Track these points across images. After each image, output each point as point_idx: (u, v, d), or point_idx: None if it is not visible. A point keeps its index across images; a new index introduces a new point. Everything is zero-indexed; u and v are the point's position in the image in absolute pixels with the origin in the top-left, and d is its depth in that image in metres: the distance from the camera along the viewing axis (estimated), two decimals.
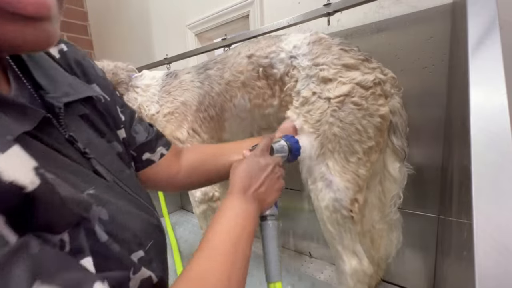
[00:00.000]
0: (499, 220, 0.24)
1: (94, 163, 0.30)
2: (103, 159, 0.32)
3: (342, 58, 0.57)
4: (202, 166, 0.52)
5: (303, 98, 0.60)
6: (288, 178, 0.53)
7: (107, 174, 0.31)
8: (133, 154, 0.44)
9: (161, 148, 0.47)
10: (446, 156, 0.63)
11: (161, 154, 0.47)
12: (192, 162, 0.52)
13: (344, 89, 0.56)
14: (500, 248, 0.23)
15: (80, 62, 0.38)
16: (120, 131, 0.41)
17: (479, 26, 0.37)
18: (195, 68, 0.79)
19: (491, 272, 0.23)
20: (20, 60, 0.29)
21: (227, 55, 0.73)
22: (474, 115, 0.31)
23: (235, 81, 0.69)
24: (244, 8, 1.03)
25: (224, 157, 0.52)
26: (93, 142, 0.33)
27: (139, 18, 1.55)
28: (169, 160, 0.49)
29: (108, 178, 0.30)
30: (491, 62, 0.34)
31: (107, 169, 0.31)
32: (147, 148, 0.45)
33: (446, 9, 0.61)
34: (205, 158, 0.53)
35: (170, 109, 0.76)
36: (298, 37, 0.64)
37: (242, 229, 0.36)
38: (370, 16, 0.73)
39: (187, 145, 0.75)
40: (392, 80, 0.58)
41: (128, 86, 0.82)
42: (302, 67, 0.60)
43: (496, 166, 0.27)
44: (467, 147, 0.31)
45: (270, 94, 0.67)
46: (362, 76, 0.56)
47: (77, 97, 0.32)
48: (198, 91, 0.74)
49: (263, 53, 0.65)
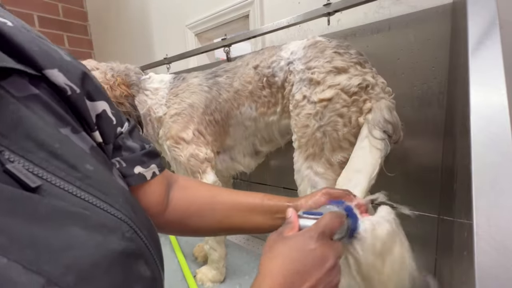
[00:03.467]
0: (499, 220, 0.24)
1: (4, 159, 0.20)
2: (40, 151, 0.22)
3: (333, 61, 0.58)
4: (186, 219, 0.43)
5: (296, 101, 0.61)
6: (287, 176, 0.52)
7: (33, 175, 0.21)
8: (121, 164, 0.35)
9: (154, 167, 0.38)
10: (446, 156, 0.63)
11: (153, 173, 0.38)
12: (178, 209, 0.42)
13: (327, 94, 0.57)
14: (500, 248, 0.23)
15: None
16: (95, 134, 0.31)
17: (479, 26, 0.37)
18: (203, 73, 0.81)
19: (491, 272, 0.23)
20: None
21: (236, 65, 0.75)
22: (474, 115, 0.31)
23: (244, 90, 0.71)
24: (244, 8, 1.03)
25: (214, 214, 0.43)
26: (30, 128, 0.22)
27: (139, 18, 1.55)
28: (160, 189, 0.40)
29: (31, 182, 0.20)
30: (491, 62, 0.34)
31: (41, 166, 0.21)
32: (139, 161, 0.37)
33: (446, 9, 0.61)
34: (192, 211, 0.43)
35: (177, 110, 0.77)
36: (297, 43, 0.65)
37: None
38: (370, 16, 0.73)
39: (192, 145, 0.75)
40: (382, 85, 0.58)
41: (139, 88, 0.83)
42: (297, 71, 0.61)
43: (496, 166, 0.27)
44: (467, 147, 0.31)
45: (273, 102, 0.69)
46: (347, 81, 0.56)
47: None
48: (205, 95, 0.76)
49: (266, 63, 0.67)
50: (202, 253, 0.94)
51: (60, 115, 0.26)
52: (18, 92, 0.24)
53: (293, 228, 0.34)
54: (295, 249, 0.30)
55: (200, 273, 0.83)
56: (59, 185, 0.22)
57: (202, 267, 0.85)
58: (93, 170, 0.25)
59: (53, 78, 0.26)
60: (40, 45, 0.27)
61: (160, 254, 0.31)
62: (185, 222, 0.43)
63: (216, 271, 0.81)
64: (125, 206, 0.26)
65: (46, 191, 0.21)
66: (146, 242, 0.27)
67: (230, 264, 0.88)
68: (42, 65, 0.26)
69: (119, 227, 0.24)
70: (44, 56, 0.26)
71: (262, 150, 0.81)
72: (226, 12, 1.09)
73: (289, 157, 0.67)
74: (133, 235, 0.25)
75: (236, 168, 0.87)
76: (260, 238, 1.07)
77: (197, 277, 0.83)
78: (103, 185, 0.25)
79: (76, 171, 0.24)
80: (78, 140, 0.27)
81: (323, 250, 0.31)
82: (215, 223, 0.43)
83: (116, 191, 0.27)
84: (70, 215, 0.21)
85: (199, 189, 0.46)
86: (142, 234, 0.26)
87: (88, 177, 0.24)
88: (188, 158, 0.75)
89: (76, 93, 0.28)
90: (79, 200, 0.22)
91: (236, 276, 0.84)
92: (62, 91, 0.27)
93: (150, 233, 0.29)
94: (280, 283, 0.28)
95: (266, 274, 0.29)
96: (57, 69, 0.27)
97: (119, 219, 0.24)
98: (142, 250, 0.25)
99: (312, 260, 0.30)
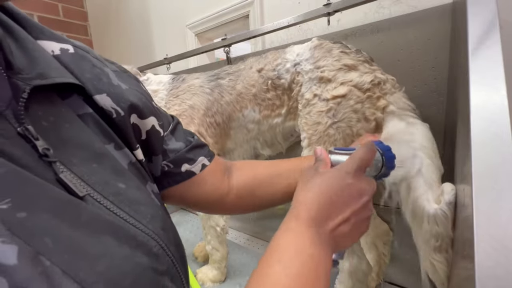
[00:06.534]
0: (499, 220, 0.24)
1: (57, 169, 0.22)
2: (83, 165, 0.24)
3: (341, 59, 0.58)
4: (256, 190, 0.44)
5: (305, 100, 0.61)
6: None
7: (80, 185, 0.23)
8: (169, 166, 0.37)
9: (203, 158, 0.40)
10: (446, 156, 0.63)
11: (202, 165, 0.40)
12: (245, 184, 0.44)
13: (341, 91, 0.57)
14: (500, 248, 0.23)
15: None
16: (136, 152, 0.32)
17: (479, 26, 0.37)
18: (205, 75, 0.81)
19: (491, 272, 0.23)
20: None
21: (239, 68, 0.75)
22: (474, 115, 0.31)
23: (247, 93, 0.72)
24: (244, 8, 1.03)
25: (281, 179, 0.44)
26: (78, 143, 0.25)
27: (139, 18, 1.55)
28: (215, 176, 0.41)
29: (79, 191, 0.22)
30: (491, 62, 0.33)
31: (82, 179, 0.23)
32: (185, 159, 0.39)
33: (446, 9, 0.61)
34: (260, 180, 0.44)
35: (177, 112, 0.77)
36: (301, 45, 0.66)
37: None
38: (370, 16, 0.73)
39: None
40: (392, 82, 0.59)
41: None
42: (305, 71, 0.62)
43: (496, 166, 0.27)
44: (467, 147, 0.31)
45: (278, 104, 0.70)
46: (359, 78, 0.56)
47: (58, 81, 0.25)
48: (207, 96, 0.76)
49: (271, 66, 0.68)
50: (202, 253, 0.94)
51: (107, 132, 0.29)
52: (78, 109, 0.27)
53: (326, 165, 0.35)
54: (332, 183, 0.31)
55: (200, 273, 0.83)
56: (96, 197, 0.23)
57: (203, 267, 0.85)
58: (124, 188, 0.26)
59: (102, 103, 0.29)
60: (93, 71, 0.30)
61: (186, 270, 0.31)
62: (256, 193, 0.44)
63: (218, 271, 0.81)
64: (153, 223, 0.26)
65: (89, 202, 0.22)
66: (173, 259, 0.27)
67: (231, 264, 0.88)
68: (92, 91, 0.29)
69: (146, 242, 0.24)
70: (95, 82, 0.29)
71: (262, 153, 0.81)
72: (226, 12, 1.09)
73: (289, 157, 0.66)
74: (159, 251, 0.25)
75: None
76: (260, 238, 1.07)
77: (197, 277, 0.83)
78: (133, 202, 0.26)
79: (110, 187, 0.25)
80: (119, 156, 0.29)
81: (359, 185, 0.31)
82: (285, 187, 0.43)
83: (145, 208, 0.27)
84: (106, 224, 0.22)
85: (258, 164, 0.48)
86: (169, 251, 0.26)
87: (120, 194, 0.25)
88: None
89: (121, 115, 0.30)
90: (112, 214, 0.23)
91: (236, 276, 0.84)
92: (108, 113, 0.30)
93: (178, 249, 0.29)
94: (314, 213, 0.28)
95: (301, 201, 0.30)
96: (105, 94, 0.30)
97: (146, 234, 0.24)
98: (168, 267, 0.25)
99: (348, 194, 0.30)
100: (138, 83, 0.37)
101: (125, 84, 0.33)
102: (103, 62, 0.33)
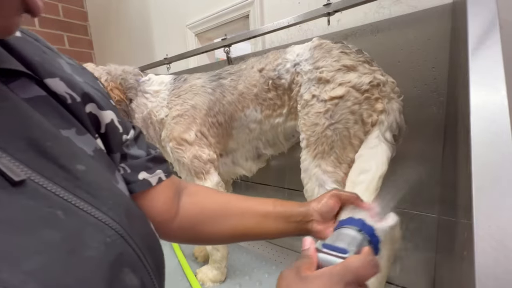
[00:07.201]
0: (499, 220, 0.24)
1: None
2: (28, 151, 0.22)
3: (341, 60, 0.58)
4: (199, 225, 0.42)
5: (304, 100, 0.61)
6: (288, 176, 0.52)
7: (18, 169, 0.20)
8: (126, 171, 0.35)
9: (160, 172, 0.38)
10: (446, 156, 0.63)
11: (159, 179, 0.38)
12: (189, 216, 0.41)
13: (339, 92, 0.57)
14: (500, 248, 0.23)
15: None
16: (97, 142, 0.31)
17: (479, 26, 0.37)
18: (207, 75, 0.81)
19: (491, 272, 0.23)
20: None
21: (240, 68, 0.75)
22: (474, 115, 0.31)
23: (249, 93, 0.71)
24: (244, 8, 1.03)
25: (227, 220, 0.42)
26: (25, 128, 0.23)
27: (139, 18, 1.55)
28: (168, 195, 0.39)
29: (15, 176, 0.20)
30: (491, 62, 0.34)
31: (25, 164, 0.21)
32: (144, 166, 0.37)
33: (446, 9, 0.61)
34: (205, 216, 0.42)
35: (179, 112, 0.77)
36: (302, 45, 0.66)
37: None
38: (370, 16, 0.73)
39: (195, 147, 0.75)
40: (392, 85, 0.58)
41: (137, 91, 0.82)
42: (305, 72, 0.62)
43: (496, 166, 0.27)
44: (467, 147, 0.31)
45: (279, 104, 0.70)
46: (358, 79, 0.56)
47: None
48: (209, 96, 0.76)
49: (272, 66, 0.68)
50: (202, 253, 0.94)
51: (66, 117, 0.27)
52: (24, 93, 0.25)
53: (311, 264, 0.29)
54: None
55: (200, 273, 0.83)
56: (42, 183, 0.21)
57: (203, 267, 0.85)
58: (84, 170, 0.25)
59: (54, 87, 0.28)
60: (43, 56, 0.28)
61: (158, 262, 0.29)
62: (198, 228, 0.42)
63: (218, 271, 0.81)
64: (115, 209, 0.25)
65: (28, 188, 0.20)
66: (136, 248, 0.25)
67: (231, 264, 0.88)
68: (42, 75, 0.27)
69: (101, 231, 0.23)
70: (46, 65, 0.28)
71: (265, 153, 0.81)
72: (226, 12, 1.09)
73: (289, 158, 0.67)
74: (117, 240, 0.24)
75: (237, 172, 0.87)
76: (261, 239, 1.07)
77: (197, 277, 0.83)
78: (92, 186, 0.25)
79: (64, 171, 0.23)
80: (81, 141, 0.28)
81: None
82: (229, 230, 0.42)
83: (107, 194, 0.26)
84: (43, 218, 0.20)
85: (211, 195, 0.45)
86: (132, 241, 0.25)
87: (77, 178, 0.24)
88: (191, 160, 0.75)
89: (76, 101, 0.29)
90: (61, 201, 0.22)
91: (236, 276, 0.84)
92: (61, 99, 0.28)
93: (145, 240, 0.28)
94: None
95: None
96: (58, 78, 0.28)
97: (103, 222, 0.23)
98: (127, 257, 0.24)
99: None
100: (96, 80, 0.35)
101: (80, 77, 0.31)
102: (56, 53, 0.32)
